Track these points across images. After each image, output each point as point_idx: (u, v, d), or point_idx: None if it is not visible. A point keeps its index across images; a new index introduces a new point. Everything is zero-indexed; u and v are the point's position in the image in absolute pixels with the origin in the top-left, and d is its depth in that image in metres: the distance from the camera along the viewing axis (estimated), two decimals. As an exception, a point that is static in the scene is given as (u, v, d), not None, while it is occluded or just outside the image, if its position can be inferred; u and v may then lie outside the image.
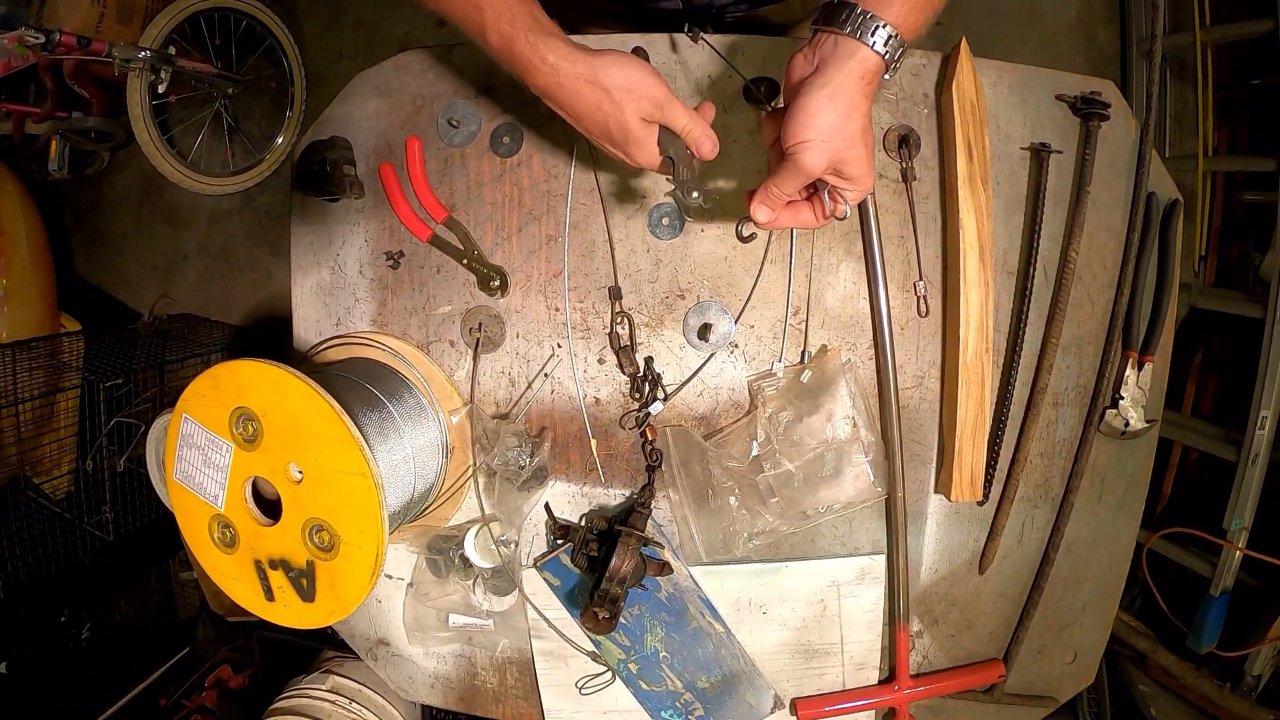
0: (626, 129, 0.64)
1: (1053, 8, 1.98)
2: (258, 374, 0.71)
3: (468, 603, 0.92)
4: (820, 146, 0.58)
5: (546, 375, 0.89)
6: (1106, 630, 0.97)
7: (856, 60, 0.57)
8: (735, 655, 0.92)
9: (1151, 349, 0.91)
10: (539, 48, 0.61)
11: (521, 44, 0.62)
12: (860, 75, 0.57)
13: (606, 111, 0.63)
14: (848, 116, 0.58)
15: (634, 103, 0.63)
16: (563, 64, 0.62)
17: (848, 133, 0.58)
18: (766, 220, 0.64)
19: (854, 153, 0.59)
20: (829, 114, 0.57)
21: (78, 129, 2.11)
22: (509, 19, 0.61)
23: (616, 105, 0.63)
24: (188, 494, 0.78)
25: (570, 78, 0.62)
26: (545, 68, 0.62)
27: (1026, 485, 0.90)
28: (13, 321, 1.88)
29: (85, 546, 1.70)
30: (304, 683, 1.39)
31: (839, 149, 0.58)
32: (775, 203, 0.63)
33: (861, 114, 0.59)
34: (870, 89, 0.58)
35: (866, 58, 0.57)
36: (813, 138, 0.58)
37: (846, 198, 0.63)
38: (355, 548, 0.71)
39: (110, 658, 1.92)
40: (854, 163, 0.60)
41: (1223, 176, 1.77)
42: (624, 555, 0.78)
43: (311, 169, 0.89)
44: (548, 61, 0.62)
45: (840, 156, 0.59)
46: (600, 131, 0.66)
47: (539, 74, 0.62)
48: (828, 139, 0.58)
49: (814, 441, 0.83)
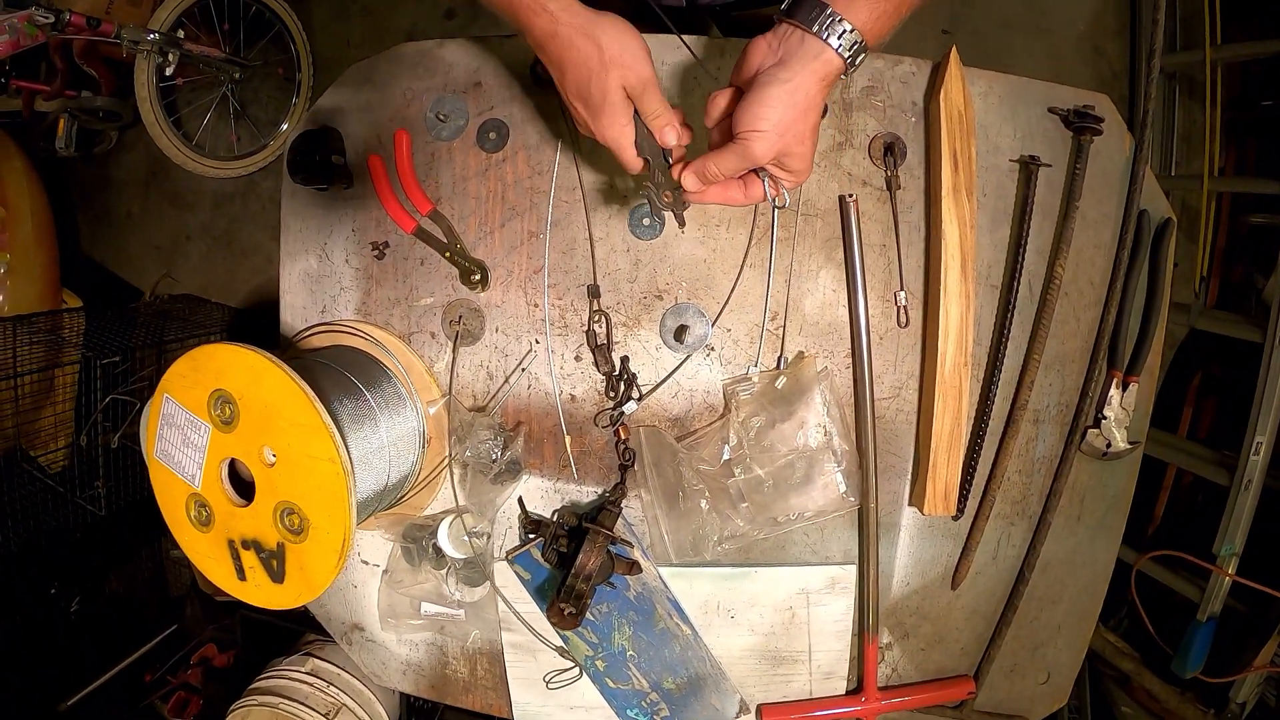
0: (605, 93, 0.64)
1: (1061, 20, 1.97)
2: (235, 358, 0.72)
3: (440, 592, 0.93)
4: (771, 138, 0.60)
5: (523, 370, 0.89)
6: (1082, 651, 0.96)
7: (820, 61, 0.58)
8: (702, 658, 0.92)
9: (1137, 369, 0.90)
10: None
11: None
12: (822, 76, 0.59)
13: (592, 69, 0.63)
14: (803, 114, 0.60)
15: (620, 70, 0.63)
16: (562, 13, 0.62)
17: (800, 129, 0.60)
18: (694, 189, 0.65)
19: (801, 148, 0.61)
20: (787, 109, 0.59)
21: (86, 108, 2.13)
22: None
23: (603, 66, 0.62)
24: (167, 472, 0.79)
25: (567, 26, 0.62)
26: (545, 15, 0.62)
27: (1004, 502, 0.90)
28: (15, 296, 1.91)
29: (77, 520, 1.72)
30: (284, 664, 1.40)
31: (788, 143, 0.60)
32: (710, 179, 0.64)
33: (815, 112, 0.61)
34: (827, 89, 0.60)
35: (830, 60, 0.58)
36: (766, 129, 0.59)
37: (784, 184, 0.65)
38: (324, 532, 0.71)
39: (98, 631, 1.94)
40: (798, 157, 0.62)
41: (1229, 198, 1.75)
42: (591, 553, 0.79)
43: (302, 158, 0.90)
44: (548, 9, 0.62)
45: (788, 150, 0.61)
46: (579, 90, 0.65)
47: (538, 19, 0.62)
48: (780, 132, 0.59)
49: (785, 448, 0.83)
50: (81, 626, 1.92)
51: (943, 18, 1.99)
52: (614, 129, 0.66)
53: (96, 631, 1.93)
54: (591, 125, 0.67)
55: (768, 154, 0.61)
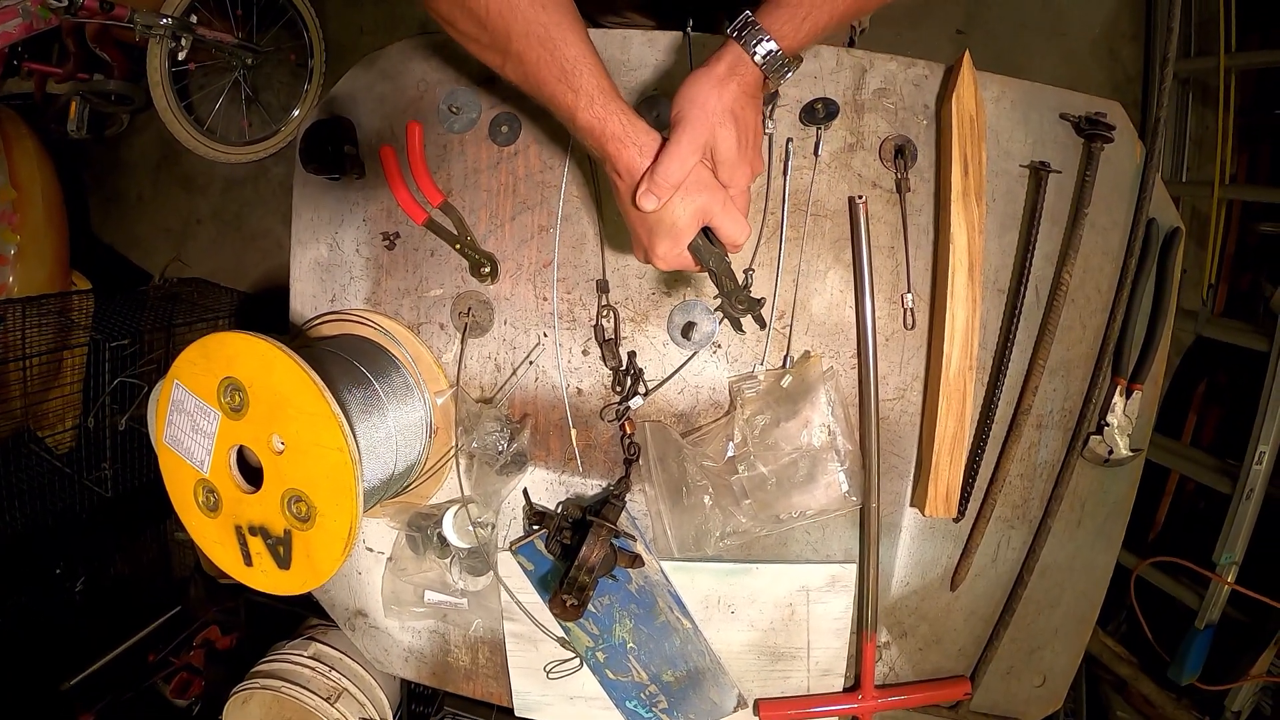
0: (677, 218, 0.66)
1: (1077, 23, 1.95)
2: (246, 346, 0.72)
3: (444, 581, 0.94)
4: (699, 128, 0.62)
5: (531, 363, 0.90)
6: (1078, 655, 0.97)
7: (729, 52, 0.64)
8: (701, 652, 0.93)
9: (1142, 377, 0.91)
10: (630, 129, 0.64)
11: (615, 125, 0.64)
12: (729, 63, 0.63)
13: (673, 199, 0.65)
14: (714, 93, 0.63)
15: (695, 196, 0.65)
16: (648, 144, 0.64)
17: (715, 108, 0.63)
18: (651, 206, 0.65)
19: (724, 131, 0.63)
20: (693, 87, 0.63)
21: (98, 91, 2.14)
22: (603, 102, 0.64)
23: (683, 195, 0.65)
24: (176, 458, 0.80)
25: (651, 158, 0.64)
26: (634, 148, 0.64)
27: (1004, 505, 0.90)
28: (25, 277, 1.92)
29: (84, 501, 1.73)
30: (286, 648, 1.41)
31: (711, 123, 0.63)
32: (663, 187, 0.64)
33: (731, 96, 0.63)
34: (739, 79, 0.63)
35: (739, 53, 0.63)
36: (683, 107, 0.63)
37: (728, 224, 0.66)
38: (330, 520, 0.72)
39: (103, 612, 1.96)
40: (724, 145, 0.63)
41: (1239, 205, 1.74)
42: (594, 545, 0.79)
43: (315, 147, 0.91)
44: (638, 142, 0.64)
45: (712, 134, 0.63)
46: (650, 216, 0.66)
47: (628, 152, 0.64)
48: (697, 111, 0.63)
49: (789, 447, 0.83)
50: (85, 607, 1.94)
51: (958, 18, 1.99)
52: (675, 251, 0.68)
53: (100, 612, 1.95)
54: (651, 249, 0.69)
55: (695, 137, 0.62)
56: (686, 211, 0.65)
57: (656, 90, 0.87)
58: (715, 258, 0.67)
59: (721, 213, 0.65)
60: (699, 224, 0.66)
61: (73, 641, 1.87)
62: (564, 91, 0.64)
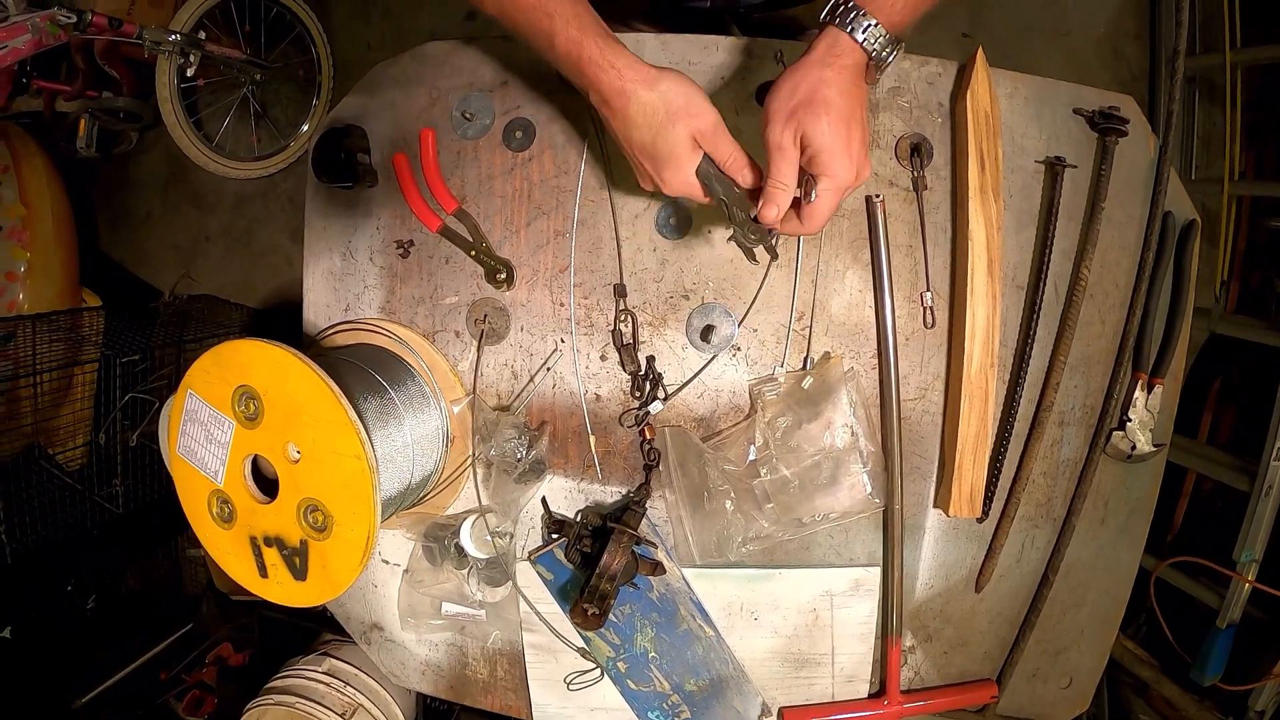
0: (673, 144, 0.65)
1: (1081, 22, 1.96)
2: (260, 354, 0.71)
3: (461, 592, 0.93)
4: (780, 115, 0.61)
5: (549, 369, 0.89)
6: (1104, 656, 0.96)
7: (827, 39, 0.61)
8: (724, 660, 0.91)
9: (1162, 372, 0.90)
10: (607, 52, 0.63)
11: (591, 48, 0.63)
12: (825, 48, 0.61)
13: (660, 123, 0.64)
14: (806, 83, 0.60)
15: (688, 120, 0.64)
16: (628, 70, 0.63)
17: (803, 96, 0.60)
18: (773, 219, 0.65)
19: (811, 118, 0.60)
20: (792, 88, 0.61)
21: (107, 108, 2.15)
22: (578, 25, 0.63)
23: (671, 118, 0.64)
24: (189, 468, 0.79)
25: (634, 83, 0.64)
26: (613, 71, 0.63)
27: (1028, 504, 0.89)
28: (35, 294, 1.92)
29: (94, 518, 1.73)
30: (301, 664, 1.40)
31: (798, 114, 0.60)
32: (778, 198, 0.64)
33: (824, 83, 0.60)
34: (837, 63, 0.60)
35: (837, 37, 0.61)
36: (772, 106, 0.61)
37: (818, 184, 0.63)
38: (348, 529, 0.71)
39: (114, 629, 1.95)
40: (815, 133, 0.60)
41: (1248, 201, 1.74)
42: (615, 553, 0.78)
43: (327, 156, 0.91)
44: (615, 66, 0.63)
45: (800, 125, 0.60)
46: (646, 143, 0.66)
47: (606, 76, 0.64)
48: (787, 112, 0.60)
49: (812, 449, 0.83)
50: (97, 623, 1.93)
51: (962, 21, 1.99)
52: (678, 180, 0.67)
53: (112, 629, 1.94)
54: (657, 177, 0.68)
55: (780, 136, 0.61)
56: (676, 137, 0.64)
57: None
58: (724, 186, 0.67)
59: (713, 137, 0.65)
60: (695, 149, 0.65)
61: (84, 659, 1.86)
62: (540, 17, 0.63)
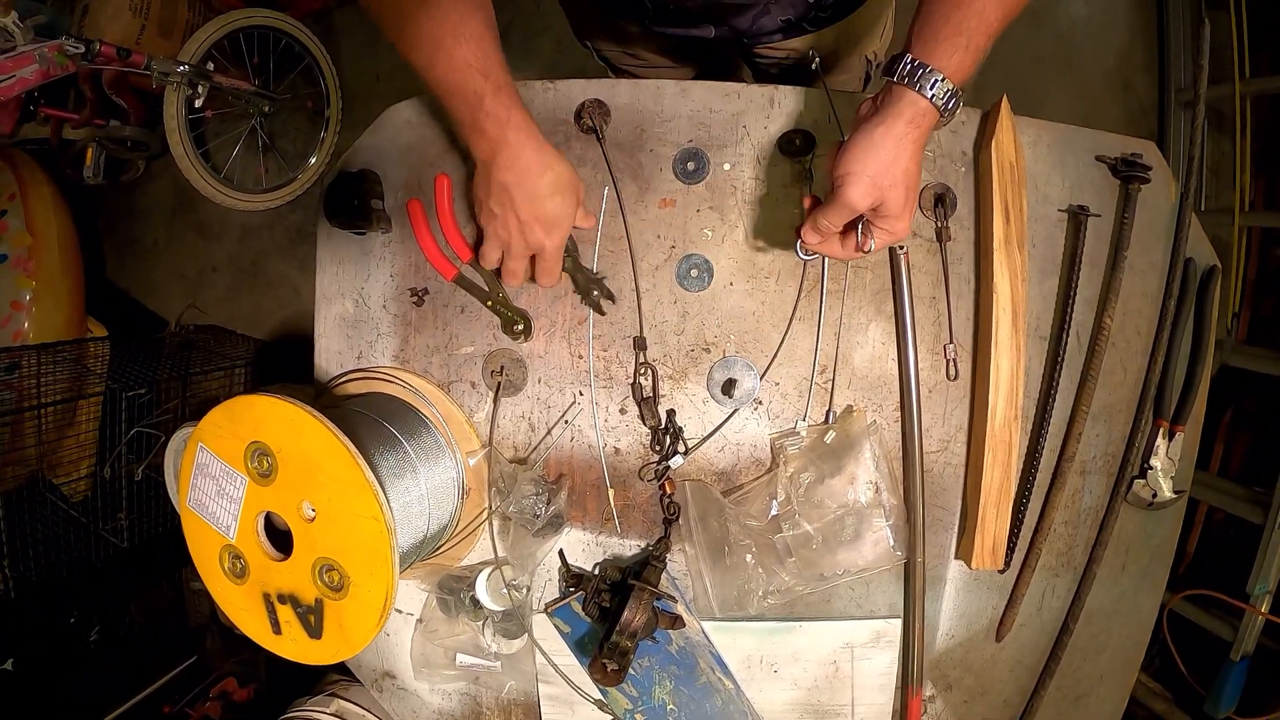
0: (568, 212, 0.77)
1: (1091, 56, 1.97)
2: (274, 410, 0.70)
3: (476, 643, 0.91)
4: (864, 180, 0.62)
5: (567, 423, 0.88)
6: (1123, 700, 0.95)
7: (906, 103, 0.61)
8: (744, 712, 0.90)
9: (1183, 419, 0.89)
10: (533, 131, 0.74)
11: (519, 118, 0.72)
12: (909, 119, 0.61)
13: (564, 193, 0.75)
14: (893, 155, 0.62)
15: (575, 197, 0.77)
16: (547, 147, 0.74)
17: (892, 174, 0.62)
18: (813, 242, 0.70)
19: (895, 193, 0.63)
20: (879, 151, 0.62)
21: (114, 137, 2.16)
22: (509, 98, 0.71)
23: (574, 189, 0.76)
24: (200, 522, 0.78)
25: (552, 157, 0.74)
26: (533, 144, 0.73)
27: (1049, 554, 0.88)
28: (40, 323, 1.91)
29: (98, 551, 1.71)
30: (308, 704, 1.37)
31: (882, 185, 0.62)
32: (824, 232, 0.68)
33: (907, 156, 0.62)
34: (917, 132, 0.62)
35: (915, 101, 0.61)
36: (856, 169, 0.62)
37: (875, 235, 0.66)
38: (364, 590, 0.70)
39: (117, 661, 1.92)
40: (894, 205, 0.63)
41: (1258, 231, 1.74)
42: (636, 609, 0.77)
43: (340, 201, 0.90)
44: (536, 140, 0.73)
45: (882, 195, 0.63)
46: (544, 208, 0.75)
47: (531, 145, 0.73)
48: (872, 174, 0.62)
49: (835, 504, 0.82)
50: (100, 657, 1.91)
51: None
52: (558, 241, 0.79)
53: (115, 662, 1.92)
54: (545, 237, 0.77)
55: (862, 198, 0.62)
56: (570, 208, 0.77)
57: (691, 141, 0.86)
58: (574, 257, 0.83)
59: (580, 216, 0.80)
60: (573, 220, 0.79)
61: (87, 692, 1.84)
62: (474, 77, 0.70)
